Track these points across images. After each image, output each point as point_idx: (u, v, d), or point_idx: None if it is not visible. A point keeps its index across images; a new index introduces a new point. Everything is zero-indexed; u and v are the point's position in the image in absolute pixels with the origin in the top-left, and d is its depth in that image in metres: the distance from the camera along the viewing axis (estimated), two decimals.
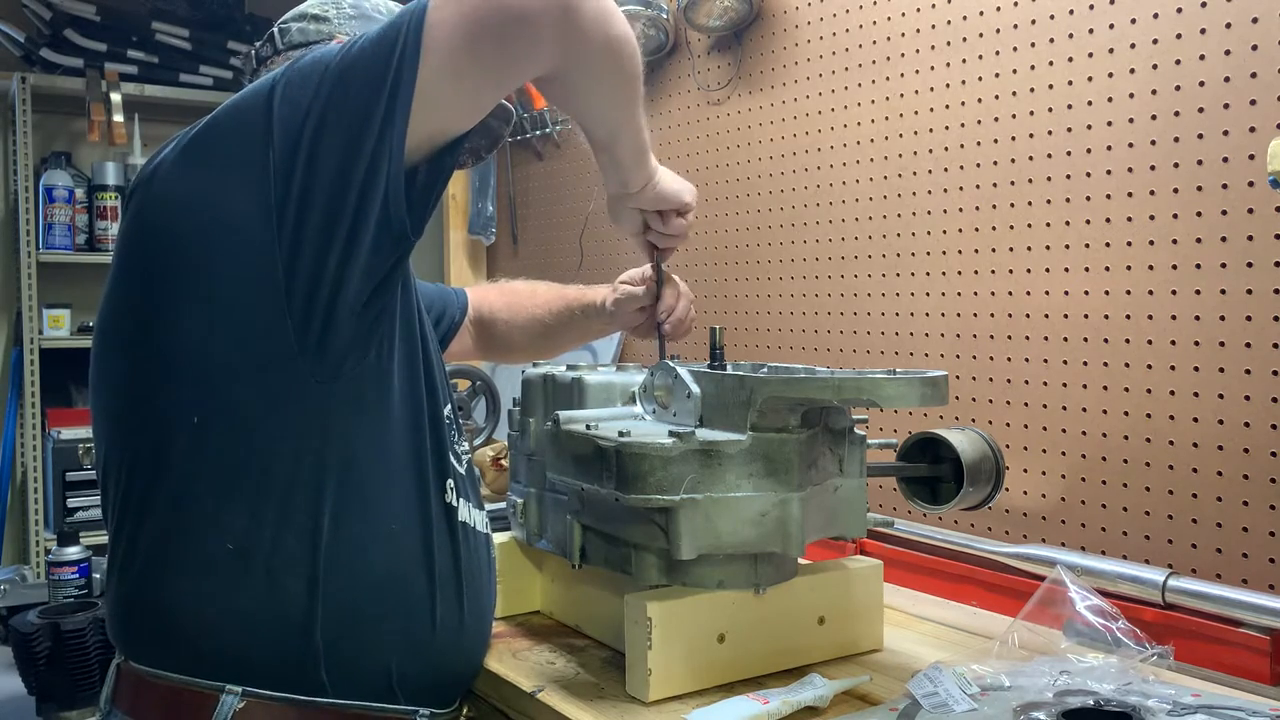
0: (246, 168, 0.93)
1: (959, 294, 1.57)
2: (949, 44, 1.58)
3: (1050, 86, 1.44)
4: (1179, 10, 1.29)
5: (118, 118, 2.97)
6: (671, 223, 1.26)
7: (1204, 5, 1.26)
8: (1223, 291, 1.25)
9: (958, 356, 1.57)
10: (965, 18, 1.55)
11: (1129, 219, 1.35)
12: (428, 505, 1.04)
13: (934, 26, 1.60)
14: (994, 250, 1.52)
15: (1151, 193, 1.32)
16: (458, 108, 0.95)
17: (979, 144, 1.54)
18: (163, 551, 0.98)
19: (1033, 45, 1.46)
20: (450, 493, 1.07)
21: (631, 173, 1.17)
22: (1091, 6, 1.38)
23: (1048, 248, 1.45)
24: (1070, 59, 1.41)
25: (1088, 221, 1.39)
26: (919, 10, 1.63)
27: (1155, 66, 1.31)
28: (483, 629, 1.13)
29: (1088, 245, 1.39)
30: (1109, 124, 1.37)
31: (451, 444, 1.10)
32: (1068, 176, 1.42)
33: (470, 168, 2.42)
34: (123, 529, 1.01)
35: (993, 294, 1.52)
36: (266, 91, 0.94)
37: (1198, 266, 1.27)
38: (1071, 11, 1.41)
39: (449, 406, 1.12)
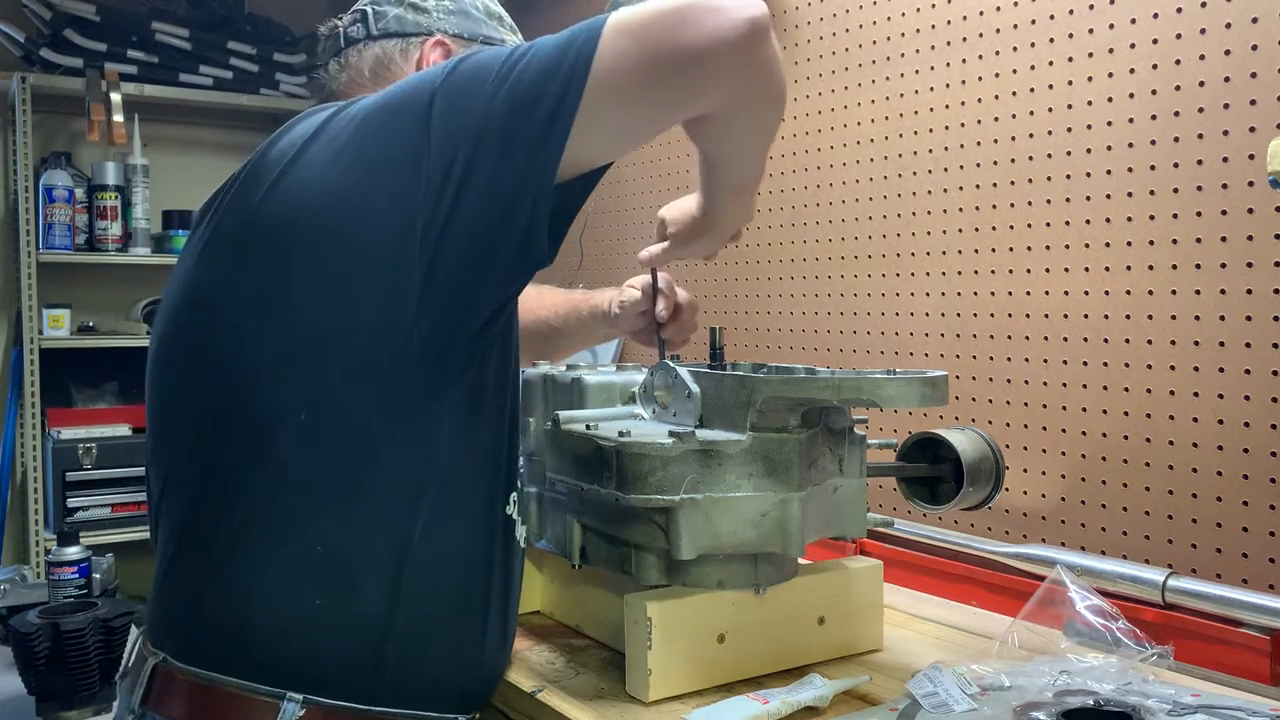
0: (398, 173, 0.92)
1: (959, 294, 1.57)
2: (949, 44, 1.58)
3: (1050, 86, 1.44)
4: (1179, 10, 1.29)
5: (118, 118, 2.97)
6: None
7: (1204, 5, 1.26)
8: (1223, 291, 1.25)
9: (958, 356, 1.57)
10: (965, 18, 1.55)
11: (1129, 219, 1.35)
12: (495, 517, 1.03)
13: (934, 26, 1.60)
14: (994, 250, 1.52)
15: (1151, 193, 1.32)
16: (614, 138, 0.94)
17: (979, 144, 1.54)
18: (243, 546, 0.95)
19: (1033, 45, 1.46)
20: (512, 505, 1.06)
21: (750, 204, 1.16)
22: (1091, 6, 1.38)
23: (1048, 248, 1.45)
24: (1070, 59, 1.41)
25: (1088, 221, 1.39)
26: (919, 10, 1.63)
27: (1155, 66, 1.31)
28: (511, 643, 1.13)
29: (1088, 245, 1.39)
30: (1109, 124, 1.37)
31: (519, 455, 1.10)
32: (1068, 176, 1.42)
33: None
34: (195, 521, 0.98)
35: (993, 294, 1.52)
36: (426, 99, 0.92)
37: (1198, 266, 1.27)
38: (1071, 11, 1.41)
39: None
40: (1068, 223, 1.42)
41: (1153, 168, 1.32)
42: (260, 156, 1.01)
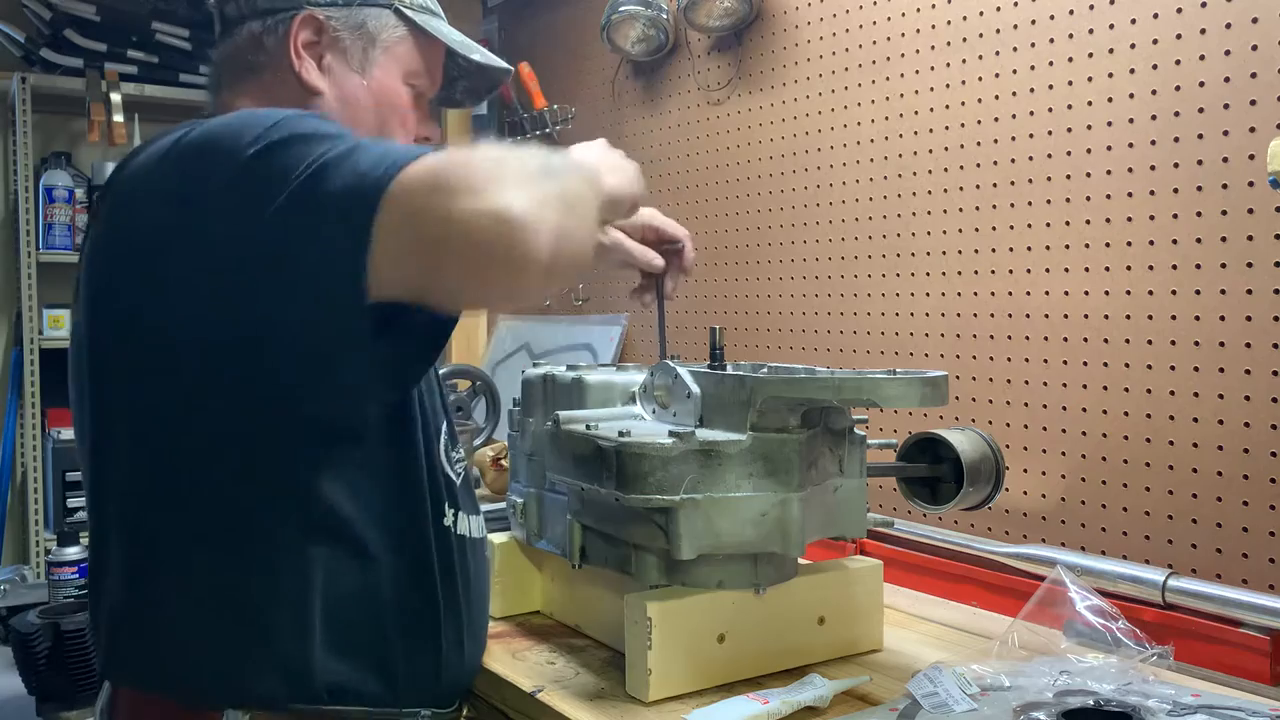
0: (207, 222, 0.88)
1: (959, 294, 1.57)
2: (949, 44, 1.58)
3: (1050, 86, 1.44)
4: (1179, 10, 1.29)
5: (118, 118, 2.97)
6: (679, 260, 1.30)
7: (1204, 5, 1.26)
8: (1223, 291, 1.25)
9: (958, 356, 1.57)
10: (965, 18, 1.55)
11: (1129, 219, 1.35)
12: (424, 533, 1.03)
13: (934, 26, 1.60)
14: (994, 250, 1.52)
15: (1151, 193, 1.32)
16: (405, 288, 0.85)
17: (979, 144, 1.54)
18: (146, 583, 0.96)
19: (1033, 45, 1.46)
20: (447, 515, 1.06)
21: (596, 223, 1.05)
22: (1091, 6, 1.38)
23: (1048, 248, 1.45)
24: (1070, 59, 1.41)
25: (1088, 221, 1.39)
26: (919, 10, 1.63)
27: (1155, 66, 1.31)
28: (481, 634, 1.13)
29: (1088, 245, 1.39)
30: (1109, 124, 1.37)
31: (449, 458, 1.09)
32: (1068, 177, 1.42)
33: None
34: (108, 555, 0.99)
35: (993, 294, 1.52)
36: (243, 160, 0.86)
37: (1198, 266, 1.27)
38: (1071, 11, 1.41)
39: (446, 421, 1.11)
40: (1068, 223, 1.42)
41: (1153, 168, 1.32)
42: (112, 178, 0.99)
